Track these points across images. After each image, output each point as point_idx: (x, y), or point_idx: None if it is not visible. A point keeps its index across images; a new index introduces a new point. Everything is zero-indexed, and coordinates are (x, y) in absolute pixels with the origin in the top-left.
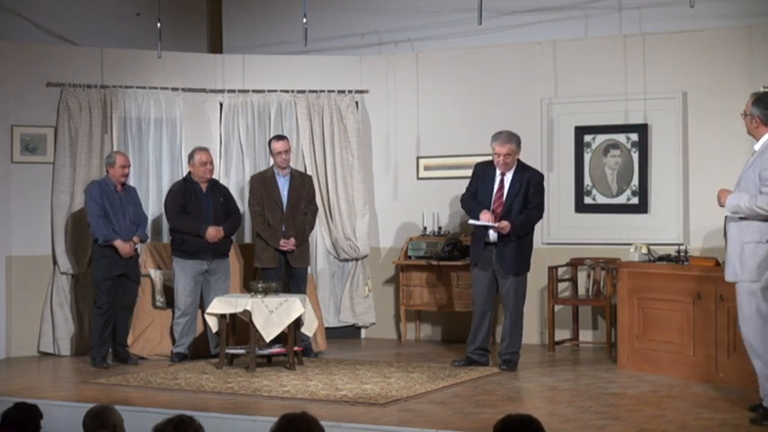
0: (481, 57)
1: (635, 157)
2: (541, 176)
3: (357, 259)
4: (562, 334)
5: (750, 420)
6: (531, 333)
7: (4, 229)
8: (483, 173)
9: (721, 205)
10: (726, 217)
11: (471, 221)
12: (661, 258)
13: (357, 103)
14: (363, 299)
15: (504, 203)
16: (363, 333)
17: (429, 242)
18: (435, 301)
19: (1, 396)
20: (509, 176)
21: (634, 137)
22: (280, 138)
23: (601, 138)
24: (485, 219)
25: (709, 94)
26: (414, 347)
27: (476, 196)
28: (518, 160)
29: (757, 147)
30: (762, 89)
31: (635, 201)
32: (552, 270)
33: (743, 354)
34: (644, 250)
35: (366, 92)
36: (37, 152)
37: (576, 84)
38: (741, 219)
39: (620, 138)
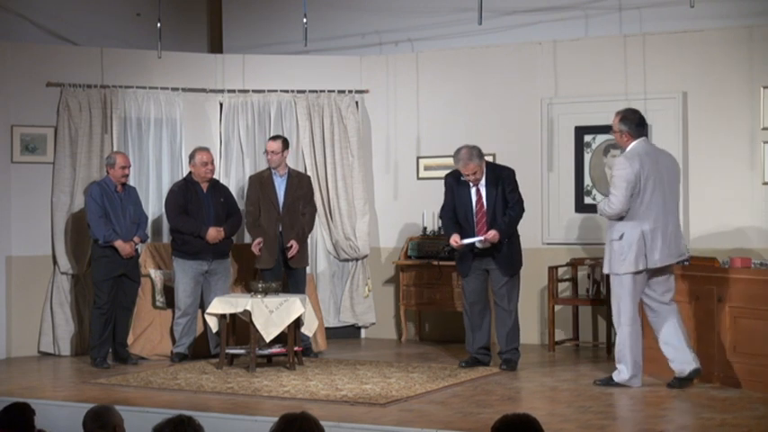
0: (481, 57)
1: None
2: (512, 172)
3: (357, 259)
4: (562, 334)
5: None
6: (531, 333)
7: (4, 229)
8: (456, 185)
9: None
10: None
11: (463, 241)
12: None
13: (357, 103)
14: (363, 299)
15: (487, 213)
16: (363, 333)
17: (429, 242)
18: (435, 301)
19: (1, 396)
20: (483, 183)
21: None
22: (273, 138)
23: (601, 138)
24: (453, 243)
25: (709, 94)
26: (414, 347)
27: (454, 210)
28: (486, 163)
29: None
30: (762, 89)
31: None
32: (552, 270)
33: (743, 353)
34: None
35: (366, 92)
36: (37, 152)
37: (576, 84)
38: (608, 219)
39: None
